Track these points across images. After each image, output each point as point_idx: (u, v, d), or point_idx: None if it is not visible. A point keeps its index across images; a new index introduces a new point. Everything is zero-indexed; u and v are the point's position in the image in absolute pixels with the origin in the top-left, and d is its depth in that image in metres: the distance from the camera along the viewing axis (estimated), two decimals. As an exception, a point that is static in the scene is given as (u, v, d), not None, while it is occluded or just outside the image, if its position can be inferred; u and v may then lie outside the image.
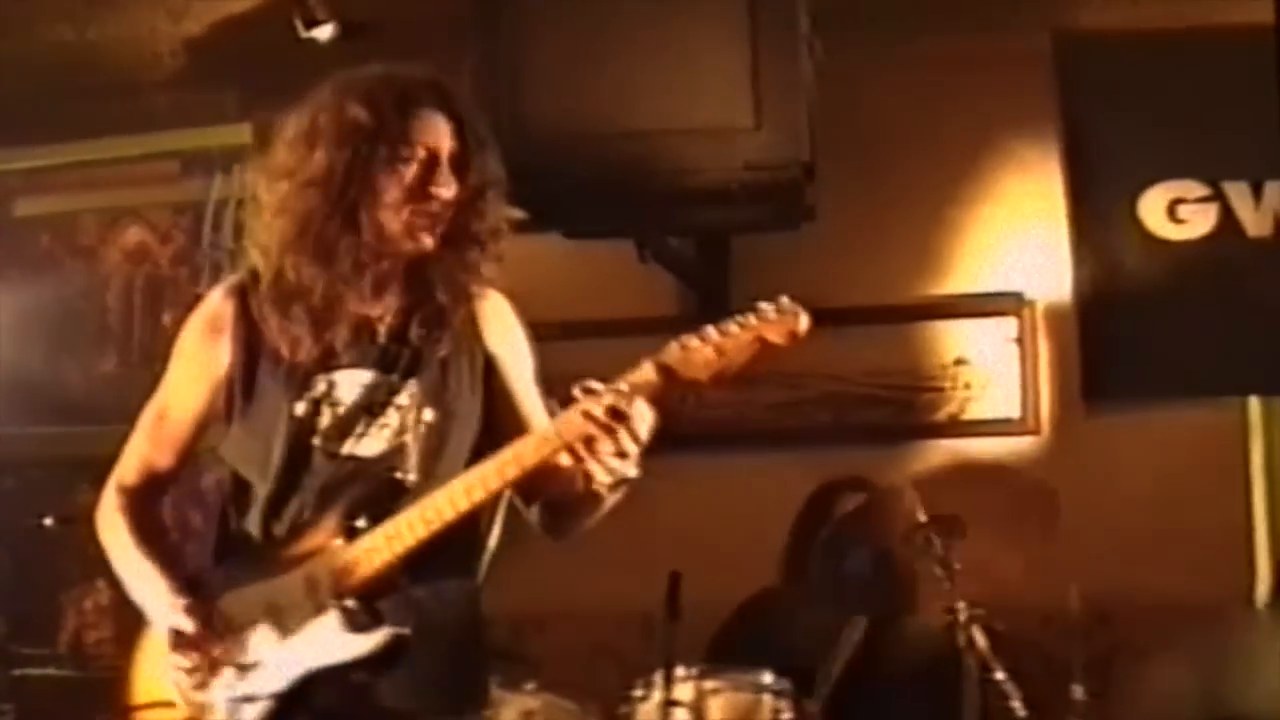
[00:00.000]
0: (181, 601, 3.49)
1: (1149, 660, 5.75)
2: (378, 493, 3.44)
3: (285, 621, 3.43)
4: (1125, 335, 6.35)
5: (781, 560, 5.73)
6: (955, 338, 6.46)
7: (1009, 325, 6.43)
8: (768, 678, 5.00)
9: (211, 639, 3.46)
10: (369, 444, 3.51)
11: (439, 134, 3.51)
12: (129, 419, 3.75)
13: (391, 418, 3.52)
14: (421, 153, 3.49)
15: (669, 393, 3.21)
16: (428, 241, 3.50)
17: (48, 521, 6.40)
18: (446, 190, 3.48)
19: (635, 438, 3.21)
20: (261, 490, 3.56)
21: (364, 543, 3.39)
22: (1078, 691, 5.13)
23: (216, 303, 3.64)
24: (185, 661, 3.47)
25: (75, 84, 6.90)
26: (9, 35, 6.77)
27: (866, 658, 5.39)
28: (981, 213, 6.51)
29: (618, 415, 3.19)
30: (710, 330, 3.17)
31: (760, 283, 6.38)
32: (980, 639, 4.90)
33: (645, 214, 5.95)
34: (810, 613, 5.51)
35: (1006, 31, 6.36)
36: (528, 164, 5.60)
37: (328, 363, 3.53)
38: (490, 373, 3.57)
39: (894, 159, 6.45)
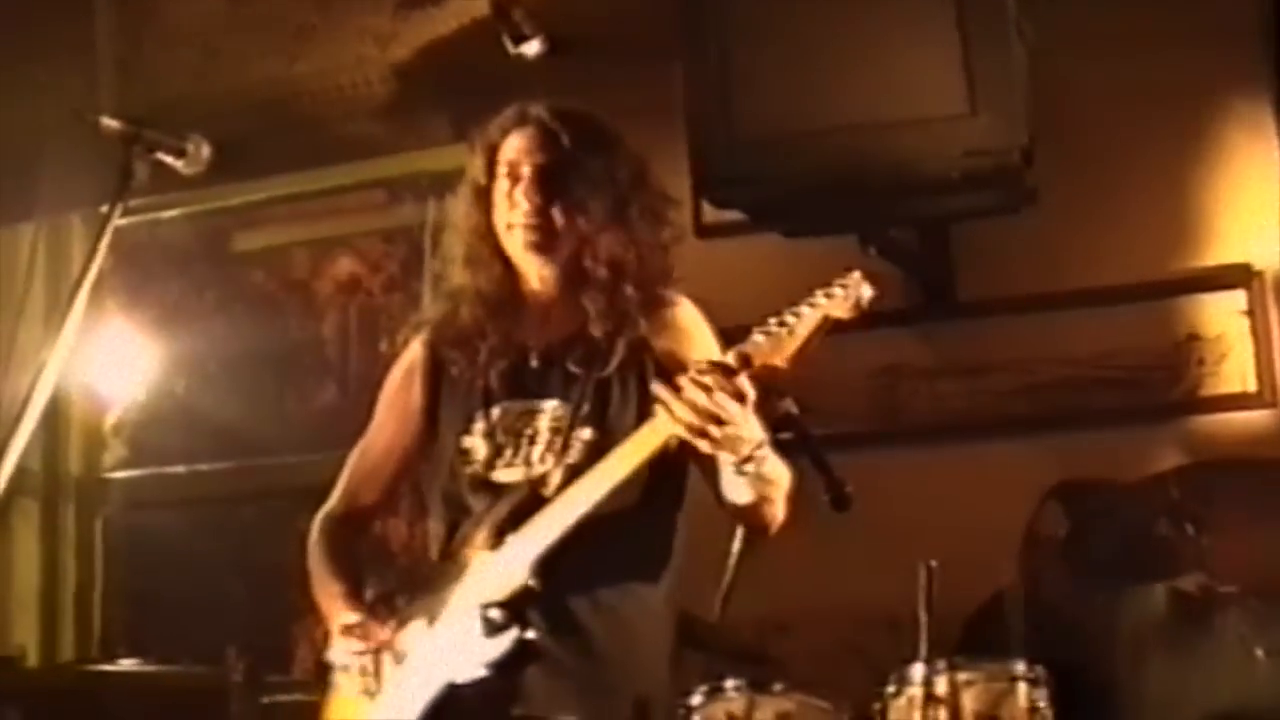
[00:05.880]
0: (351, 619, 3.66)
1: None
2: (521, 506, 3.55)
3: (438, 631, 3.58)
4: (1357, 298, 6.21)
5: (1019, 562, 5.68)
6: (1185, 314, 6.30)
7: (1238, 297, 6.27)
8: (1021, 666, 4.95)
9: (374, 652, 3.62)
10: (520, 471, 3.63)
11: (519, 151, 3.66)
12: (350, 447, 4.01)
13: (543, 444, 3.63)
14: (503, 170, 3.67)
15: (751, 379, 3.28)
16: (540, 260, 3.67)
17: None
18: (528, 198, 3.61)
19: (741, 394, 3.25)
20: (435, 518, 3.77)
21: (507, 550, 3.51)
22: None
23: (414, 349, 3.88)
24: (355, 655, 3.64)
25: (287, 117, 7.00)
26: (222, 74, 6.89)
27: (1121, 639, 5.34)
28: (1202, 185, 6.37)
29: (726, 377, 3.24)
30: (784, 314, 3.29)
31: (985, 269, 6.43)
32: (1240, 617, 4.84)
33: (866, 208, 5.93)
34: (1057, 604, 5.47)
35: (1211, 1, 6.27)
36: (744, 167, 5.70)
37: (490, 396, 3.69)
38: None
39: (1110, 137, 6.34)
